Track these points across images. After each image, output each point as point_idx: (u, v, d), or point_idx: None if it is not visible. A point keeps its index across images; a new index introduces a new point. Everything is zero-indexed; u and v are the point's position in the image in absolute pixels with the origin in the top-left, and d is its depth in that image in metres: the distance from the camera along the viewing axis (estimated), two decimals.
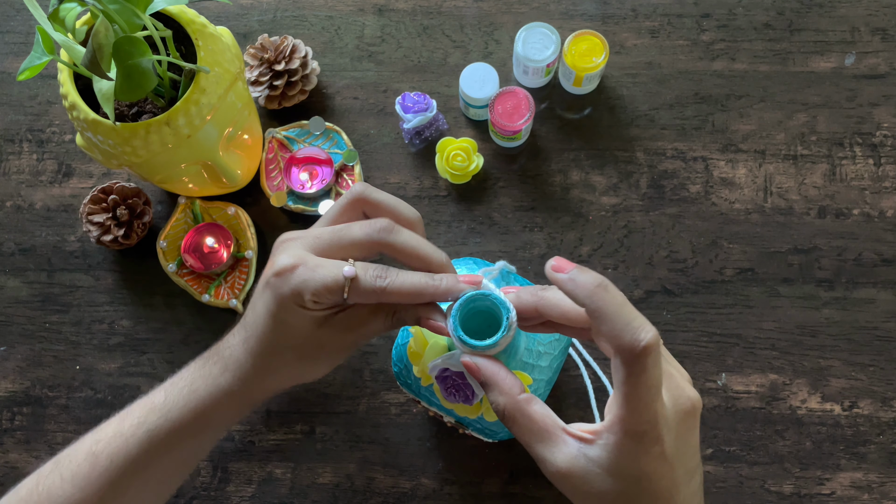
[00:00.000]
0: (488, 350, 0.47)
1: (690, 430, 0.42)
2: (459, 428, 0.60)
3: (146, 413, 0.51)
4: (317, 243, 0.48)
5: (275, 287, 0.47)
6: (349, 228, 0.48)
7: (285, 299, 0.47)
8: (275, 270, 0.47)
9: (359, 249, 0.48)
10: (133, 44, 0.53)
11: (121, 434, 0.50)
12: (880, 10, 0.76)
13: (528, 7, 0.78)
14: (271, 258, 0.49)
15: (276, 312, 0.48)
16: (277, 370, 0.50)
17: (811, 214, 0.71)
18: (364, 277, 0.47)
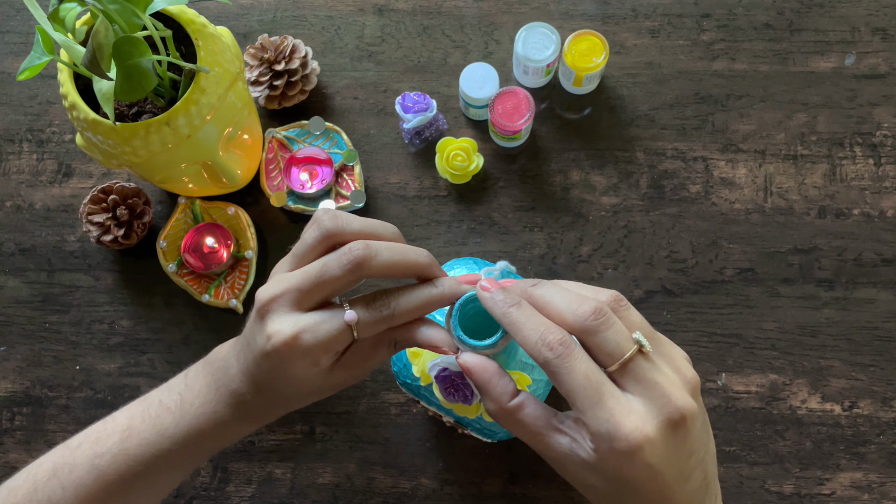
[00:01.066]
0: (488, 350, 0.47)
1: (677, 438, 0.40)
2: (459, 428, 0.60)
3: (156, 437, 0.50)
4: (300, 296, 0.46)
5: (282, 358, 0.46)
6: (326, 267, 0.46)
7: (295, 366, 0.46)
8: (275, 345, 0.45)
9: (342, 284, 0.46)
10: (133, 44, 0.53)
11: (127, 453, 0.50)
12: (880, 10, 0.76)
13: (528, 7, 0.78)
14: (261, 326, 0.47)
15: (286, 374, 0.47)
16: (290, 407, 0.51)
17: (811, 214, 0.71)
18: (367, 315, 0.46)
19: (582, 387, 0.40)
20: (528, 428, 0.43)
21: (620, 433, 0.39)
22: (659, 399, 0.40)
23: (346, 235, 0.47)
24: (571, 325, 0.42)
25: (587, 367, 0.40)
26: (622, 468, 0.40)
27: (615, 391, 0.41)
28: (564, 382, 0.40)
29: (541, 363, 0.41)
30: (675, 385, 0.41)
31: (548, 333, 0.41)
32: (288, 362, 0.46)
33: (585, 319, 0.41)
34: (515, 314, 0.43)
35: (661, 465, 0.40)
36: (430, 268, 0.48)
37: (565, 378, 0.40)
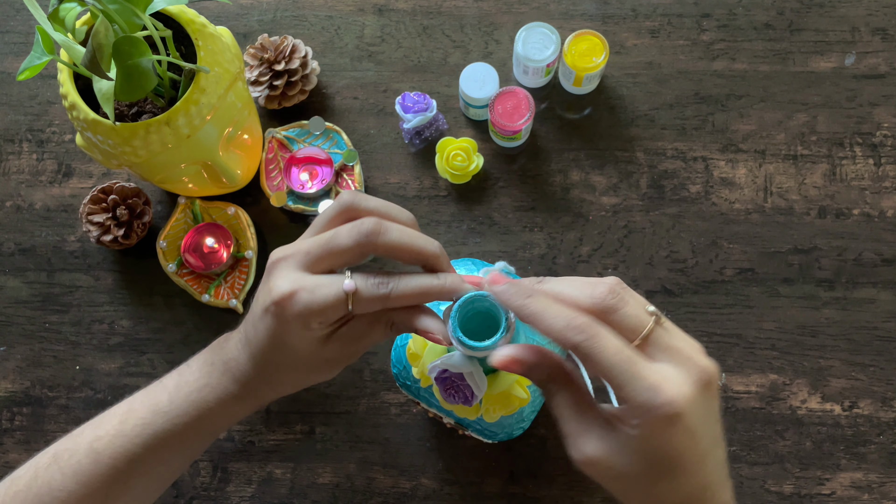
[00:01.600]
0: (487, 351, 0.47)
1: (710, 400, 0.41)
2: (459, 429, 0.60)
3: (151, 415, 0.50)
4: (308, 259, 0.47)
5: (277, 315, 0.46)
6: (336, 236, 0.47)
7: (289, 326, 0.46)
8: (273, 298, 0.46)
9: (350, 256, 0.47)
10: (133, 44, 0.53)
11: (124, 434, 0.50)
12: (880, 10, 0.76)
13: (528, 7, 0.78)
14: (266, 281, 0.48)
15: (280, 337, 0.47)
16: (283, 382, 0.51)
17: (811, 214, 0.71)
18: (365, 288, 0.46)
19: (617, 362, 0.40)
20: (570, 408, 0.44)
21: (664, 398, 0.39)
22: (686, 362, 0.41)
23: (361, 211, 0.49)
24: (590, 307, 0.42)
25: (617, 343, 0.41)
26: (666, 437, 0.40)
27: (647, 362, 0.41)
28: (599, 361, 0.40)
29: (571, 347, 0.41)
30: (695, 348, 0.42)
31: (573, 317, 0.41)
32: (282, 323, 0.46)
33: (603, 299, 0.42)
34: (534, 304, 0.43)
35: (700, 428, 0.40)
36: (436, 258, 0.48)
37: (599, 356, 0.40)
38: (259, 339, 0.48)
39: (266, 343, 0.48)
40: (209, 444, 0.55)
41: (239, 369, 0.50)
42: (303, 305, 0.45)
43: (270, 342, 0.48)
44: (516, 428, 0.57)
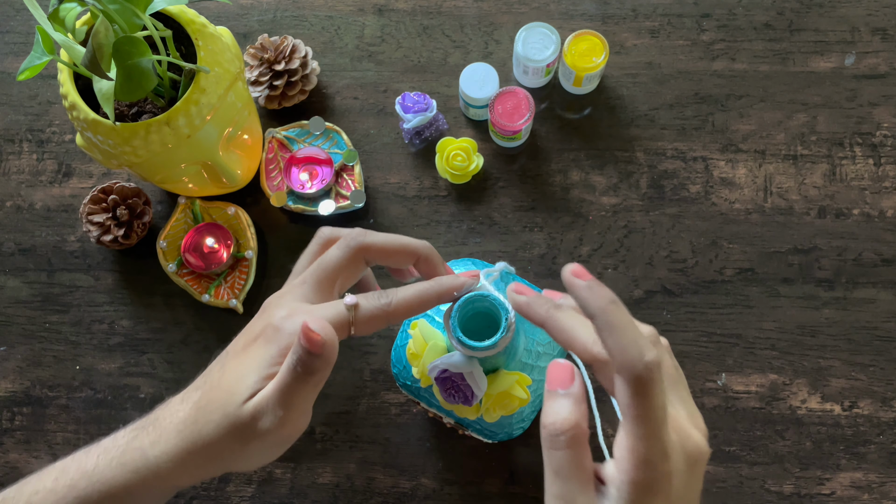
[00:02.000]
0: (488, 351, 0.47)
1: (696, 479, 0.39)
2: (459, 429, 0.60)
3: (78, 477, 0.47)
4: (305, 290, 0.46)
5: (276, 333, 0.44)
6: (326, 255, 0.47)
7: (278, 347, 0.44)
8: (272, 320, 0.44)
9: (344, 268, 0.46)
10: (133, 44, 0.53)
11: (55, 492, 0.48)
12: (880, 10, 0.76)
13: (528, 7, 0.78)
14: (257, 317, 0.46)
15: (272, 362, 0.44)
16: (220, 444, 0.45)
17: (811, 214, 0.71)
18: (366, 303, 0.45)
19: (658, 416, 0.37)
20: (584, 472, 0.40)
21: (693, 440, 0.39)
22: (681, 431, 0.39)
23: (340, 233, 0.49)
24: None
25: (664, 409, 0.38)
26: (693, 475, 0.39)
27: None
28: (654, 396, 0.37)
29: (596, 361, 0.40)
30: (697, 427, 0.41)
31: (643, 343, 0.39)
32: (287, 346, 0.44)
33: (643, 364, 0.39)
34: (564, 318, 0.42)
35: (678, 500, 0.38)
36: (429, 249, 0.48)
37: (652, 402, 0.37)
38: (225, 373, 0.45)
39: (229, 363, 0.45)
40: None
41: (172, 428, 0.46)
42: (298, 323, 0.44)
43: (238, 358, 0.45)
44: (516, 428, 0.57)
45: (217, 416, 0.44)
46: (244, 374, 0.45)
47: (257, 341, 0.45)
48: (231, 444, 0.45)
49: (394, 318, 0.46)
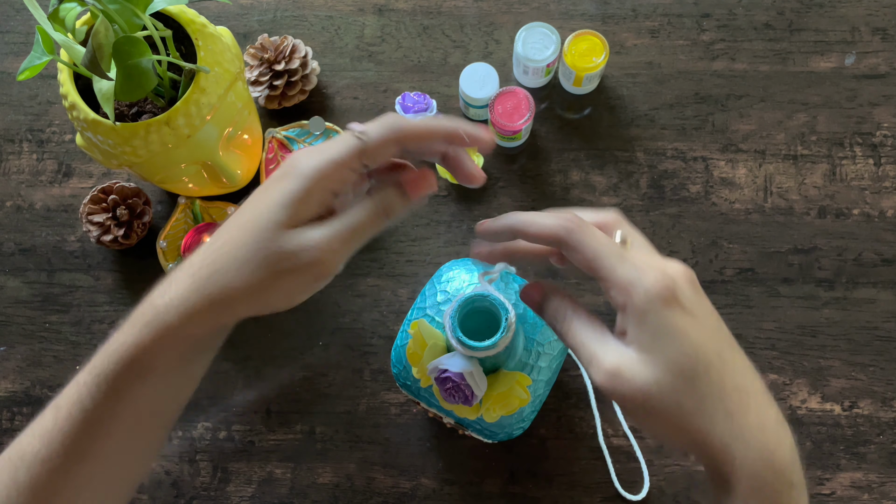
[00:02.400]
0: (488, 350, 0.47)
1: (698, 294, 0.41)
2: (459, 429, 0.60)
3: (99, 358, 0.45)
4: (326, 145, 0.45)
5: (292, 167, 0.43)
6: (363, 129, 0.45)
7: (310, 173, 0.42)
8: (284, 165, 0.43)
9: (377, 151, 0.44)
10: (133, 44, 0.53)
11: (77, 383, 0.45)
12: (880, 10, 0.76)
13: (528, 7, 0.78)
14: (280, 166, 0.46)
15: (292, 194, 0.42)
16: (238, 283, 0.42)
17: (811, 214, 0.71)
18: (374, 127, 0.43)
19: (607, 246, 0.41)
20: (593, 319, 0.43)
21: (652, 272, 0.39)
22: (664, 262, 0.41)
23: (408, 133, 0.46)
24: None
25: (605, 236, 0.41)
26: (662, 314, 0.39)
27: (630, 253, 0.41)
28: (590, 246, 0.41)
29: (563, 236, 0.41)
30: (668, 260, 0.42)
31: (563, 216, 0.42)
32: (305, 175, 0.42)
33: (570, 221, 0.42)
34: (522, 215, 0.43)
35: (695, 308, 0.40)
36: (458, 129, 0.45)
37: (590, 242, 0.41)
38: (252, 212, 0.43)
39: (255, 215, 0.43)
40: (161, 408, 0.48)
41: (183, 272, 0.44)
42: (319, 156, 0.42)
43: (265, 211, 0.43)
44: (516, 428, 0.57)
45: (244, 251, 0.42)
46: (272, 208, 0.43)
47: (278, 181, 0.44)
48: (260, 276, 0.42)
49: (404, 140, 0.43)
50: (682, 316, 0.39)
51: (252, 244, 0.42)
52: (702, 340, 0.39)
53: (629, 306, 0.39)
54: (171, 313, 0.43)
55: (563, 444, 0.67)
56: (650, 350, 0.39)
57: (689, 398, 0.39)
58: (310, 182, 0.42)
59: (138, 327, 0.44)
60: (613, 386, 0.40)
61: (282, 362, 0.70)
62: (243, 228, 0.43)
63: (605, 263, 0.40)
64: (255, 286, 0.42)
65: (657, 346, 0.39)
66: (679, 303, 0.39)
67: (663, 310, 0.39)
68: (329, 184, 0.43)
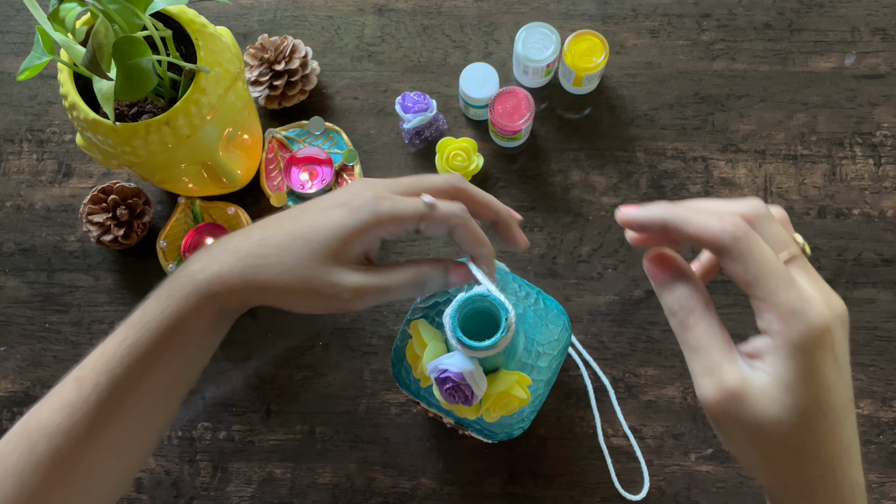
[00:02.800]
0: (488, 351, 0.47)
1: (846, 340, 0.38)
2: (459, 429, 0.60)
3: (127, 329, 0.47)
4: (396, 186, 0.49)
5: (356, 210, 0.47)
6: (428, 176, 0.51)
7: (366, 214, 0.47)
8: (352, 192, 0.48)
9: (437, 195, 0.49)
10: (133, 44, 0.53)
11: (104, 354, 0.47)
12: (880, 10, 0.76)
13: (528, 7, 0.78)
14: (350, 188, 0.49)
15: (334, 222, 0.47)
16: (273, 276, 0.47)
17: (811, 214, 0.71)
18: (443, 205, 0.48)
19: (773, 265, 0.37)
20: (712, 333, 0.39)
21: (814, 307, 0.36)
22: (829, 294, 0.38)
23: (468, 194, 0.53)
24: (741, 213, 0.39)
25: (770, 250, 0.37)
26: (812, 353, 0.36)
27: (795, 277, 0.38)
28: (754, 262, 0.37)
29: (727, 243, 0.37)
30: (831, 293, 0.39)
31: (728, 217, 0.38)
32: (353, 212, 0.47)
33: (754, 210, 0.39)
34: (681, 210, 0.39)
35: (842, 358, 0.37)
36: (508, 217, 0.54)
37: (757, 255, 0.37)
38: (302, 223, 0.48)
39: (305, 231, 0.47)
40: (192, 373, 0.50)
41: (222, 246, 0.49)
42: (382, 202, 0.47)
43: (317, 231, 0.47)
44: (516, 428, 0.57)
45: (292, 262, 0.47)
46: (329, 235, 0.47)
47: (342, 208, 0.48)
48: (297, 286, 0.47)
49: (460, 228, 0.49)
50: (832, 365, 0.37)
51: (302, 259, 0.47)
52: (838, 395, 0.37)
53: (784, 336, 0.36)
54: (213, 287, 0.47)
55: (563, 444, 0.67)
56: (788, 389, 0.36)
57: (803, 447, 0.37)
58: (370, 224, 0.47)
59: (177, 298, 0.47)
60: (728, 407, 0.37)
61: (282, 362, 0.70)
62: (298, 240, 0.47)
63: (769, 284, 0.37)
64: (290, 291, 0.47)
65: (797, 387, 0.36)
66: (833, 350, 0.37)
67: (817, 352, 0.36)
68: (384, 232, 0.47)
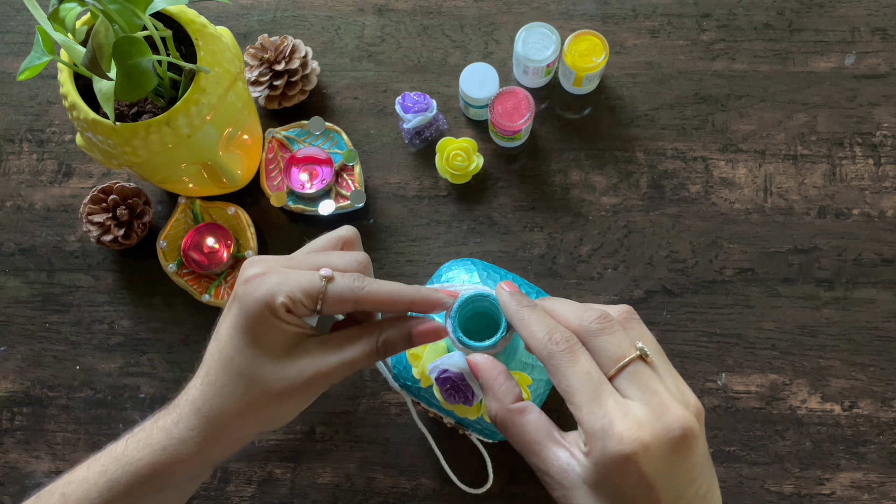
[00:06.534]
0: (487, 351, 0.47)
1: (678, 455, 0.38)
2: (459, 429, 0.60)
3: (109, 462, 0.48)
4: (291, 262, 0.47)
5: (243, 295, 0.44)
6: (328, 255, 0.47)
7: (255, 308, 0.44)
8: (242, 279, 0.45)
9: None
10: (133, 44, 0.53)
11: (87, 480, 0.48)
12: (880, 10, 0.76)
13: (528, 7, 0.78)
14: (239, 274, 0.47)
15: (243, 326, 0.44)
16: (239, 413, 0.46)
17: (811, 214, 0.71)
18: (340, 279, 0.45)
19: (581, 382, 0.39)
20: (527, 435, 0.42)
21: (615, 432, 0.37)
22: (658, 407, 0.39)
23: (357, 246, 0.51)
24: (576, 328, 0.42)
25: (589, 366, 0.40)
26: (615, 476, 0.38)
27: (615, 393, 0.39)
28: (565, 377, 0.40)
29: (544, 357, 0.41)
30: (677, 399, 0.40)
31: (555, 331, 0.41)
32: (251, 304, 0.44)
33: (589, 322, 0.41)
34: (527, 313, 0.43)
35: (657, 480, 0.38)
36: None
37: (566, 372, 0.40)
38: (218, 341, 0.46)
39: (226, 343, 0.45)
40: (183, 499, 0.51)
41: (188, 401, 0.47)
42: (272, 283, 0.44)
43: (232, 338, 0.45)
44: None
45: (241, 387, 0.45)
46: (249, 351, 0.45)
47: (232, 306, 0.46)
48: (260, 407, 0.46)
49: (362, 305, 0.45)
50: (637, 485, 0.38)
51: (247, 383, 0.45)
52: None
53: (590, 454, 0.39)
54: (186, 442, 0.47)
55: None
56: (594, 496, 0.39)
57: None
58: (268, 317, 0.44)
59: (154, 449, 0.47)
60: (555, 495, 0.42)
61: None
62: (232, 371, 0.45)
63: (575, 401, 0.39)
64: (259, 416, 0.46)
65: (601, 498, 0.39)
66: (638, 469, 0.37)
67: (614, 474, 0.38)
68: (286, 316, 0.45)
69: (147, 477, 0.47)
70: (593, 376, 0.40)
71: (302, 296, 0.44)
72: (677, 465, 0.38)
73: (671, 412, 0.38)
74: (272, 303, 0.44)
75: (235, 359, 0.45)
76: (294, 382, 0.45)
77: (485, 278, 0.59)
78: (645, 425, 0.38)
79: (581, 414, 0.39)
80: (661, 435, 0.38)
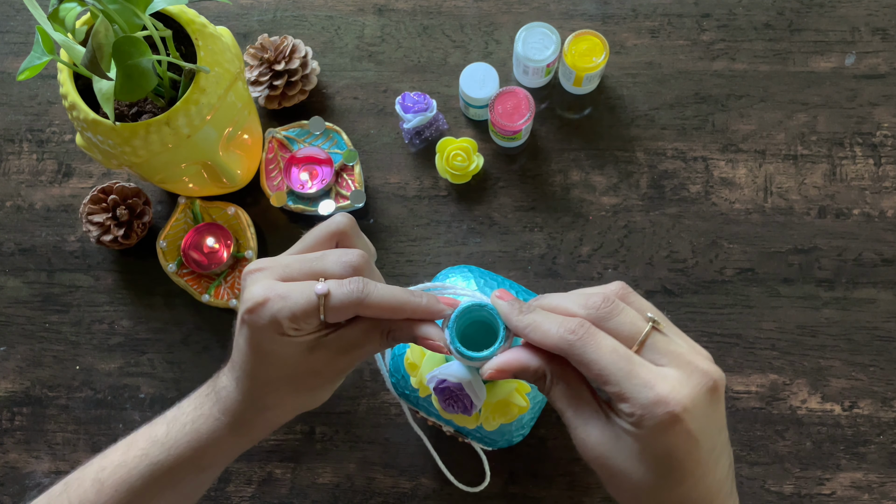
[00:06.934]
0: (485, 360, 0.46)
1: (713, 406, 0.41)
2: (459, 437, 0.60)
3: (149, 445, 0.50)
4: (286, 272, 0.47)
5: (251, 323, 0.46)
6: (322, 259, 0.47)
7: (264, 332, 0.45)
8: (247, 307, 0.46)
9: None
10: (133, 44, 0.53)
11: (125, 464, 0.50)
12: (880, 10, 0.76)
13: (528, 7, 0.78)
14: (241, 292, 0.48)
15: (258, 346, 0.46)
16: (274, 405, 0.49)
17: (811, 214, 0.71)
18: (338, 292, 0.45)
19: (612, 360, 0.40)
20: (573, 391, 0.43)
21: (661, 397, 0.39)
22: (687, 366, 0.41)
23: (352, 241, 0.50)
24: (584, 316, 0.42)
25: (613, 343, 0.41)
26: (664, 438, 0.39)
27: (646, 363, 0.41)
28: (594, 361, 0.40)
29: (566, 349, 0.41)
30: (699, 354, 0.42)
31: (566, 322, 0.42)
32: (257, 331, 0.46)
33: (597, 309, 0.42)
34: (531, 317, 0.44)
35: (703, 434, 0.40)
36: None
37: (593, 356, 0.40)
38: (240, 353, 0.48)
39: (246, 357, 0.47)
40: (206, 484, 0.53)
41: (228, 398, 0.49)
42: (274, 310, 0.45)
43: (251, 356, 0.47)
44: (516, 435, 0.57)
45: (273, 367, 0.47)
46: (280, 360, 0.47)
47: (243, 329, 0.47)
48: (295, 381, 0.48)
49: (365, 312, 0.46)
50: (681, 442, 0.40)
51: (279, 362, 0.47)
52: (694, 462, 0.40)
53: (636, 423, 0.40)
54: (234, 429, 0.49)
55: (563, 444, 0.67)
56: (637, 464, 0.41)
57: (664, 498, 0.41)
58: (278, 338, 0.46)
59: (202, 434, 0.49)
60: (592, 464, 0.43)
61: None
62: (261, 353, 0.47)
63: (612, 379, 0.40)
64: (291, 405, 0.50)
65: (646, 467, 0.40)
66: (685, 427, 0.39)
67: (663, 435, 0.39)
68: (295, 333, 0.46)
69: (190, 458, 0.49)
70: (620, 351, 0.41)
71: (305, 316, 0.45)
72: (712, 415, 0.41)
73: (700, 368, 0.41)
74: (279, 327, 0.46)
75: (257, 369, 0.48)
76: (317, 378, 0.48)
77: (482, 286, 0.59)
78: (684, 384, 0.40)
79: (622, 388, 0.40)
80: (699, 390, 0.40)
